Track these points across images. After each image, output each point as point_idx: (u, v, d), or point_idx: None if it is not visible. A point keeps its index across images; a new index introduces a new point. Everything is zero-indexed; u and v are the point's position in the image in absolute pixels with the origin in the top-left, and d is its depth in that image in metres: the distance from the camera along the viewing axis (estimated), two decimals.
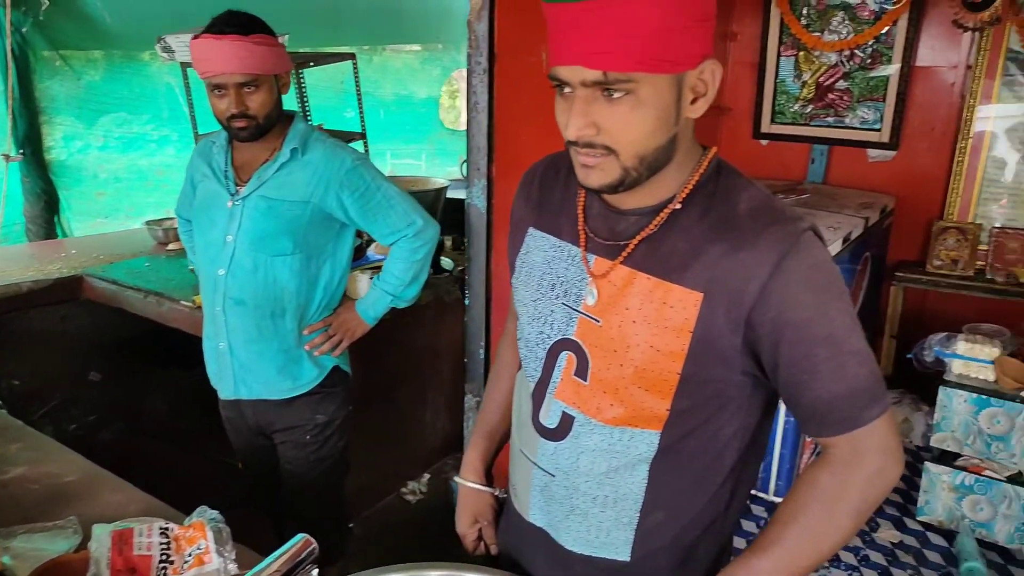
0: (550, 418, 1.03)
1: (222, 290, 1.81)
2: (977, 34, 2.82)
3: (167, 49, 3.46)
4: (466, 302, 2.07)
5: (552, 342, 1.03)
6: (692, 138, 0.95)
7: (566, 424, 1.01)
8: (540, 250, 1.07)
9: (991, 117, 2.98)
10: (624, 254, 0.96)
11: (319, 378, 1.92)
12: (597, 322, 0.97)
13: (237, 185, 1.80)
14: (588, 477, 1.01)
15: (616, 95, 0.84)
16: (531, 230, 1.10)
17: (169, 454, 3.22)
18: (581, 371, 0.99)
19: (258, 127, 1.73)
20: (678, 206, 0.94)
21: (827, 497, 0.93)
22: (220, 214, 1.80)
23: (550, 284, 1.04)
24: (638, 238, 0.95)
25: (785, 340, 0.88)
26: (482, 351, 2.05)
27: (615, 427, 0.97)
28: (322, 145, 1.81)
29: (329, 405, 1.96)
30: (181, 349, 2.67)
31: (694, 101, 0.90)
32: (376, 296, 1.95)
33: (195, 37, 1.67)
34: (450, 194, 3.34)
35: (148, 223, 3.44)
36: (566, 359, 1.01)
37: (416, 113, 8.40)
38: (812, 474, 0.95)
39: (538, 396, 1.05)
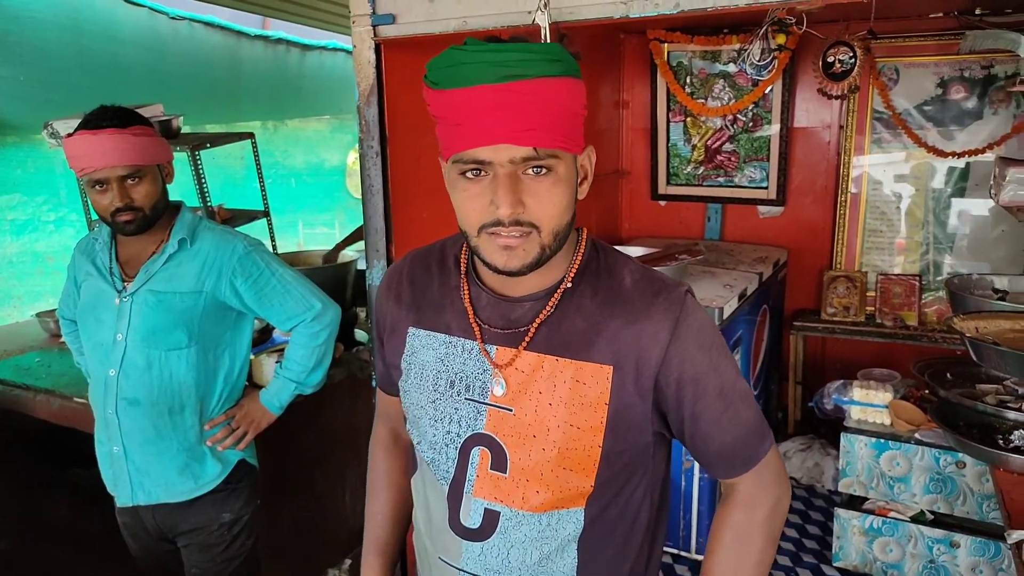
0: (472, 518, 1.01)
1: (114, 391, 1.72)
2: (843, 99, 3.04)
3: (54, 135, 3.35)
4: (373, 383, 2.03)
5: (463, 440, 1.01)
6: (574, 222, 1.00)
7: (491, 521, 1.00)
8: (429, 349, 1.05)
9: (865, 170, 3.19)
10: (527, 340, 0.97)
11: (223, 474, 1.84)
12: (510, 411, 0.97)
13: (124, 281, 1.73)
14: (520, 570, 1.00)
15: (541, 172, 0.88)
16: (412, 330, 1.08)
17: (72, 560, 3.00)
18: (499, 464, 0.98)
19: (145, 219, 1.69)
20: (569, 285, 0.98)
21: (744, 535, 1.01)
22: (107, 313, 1.73)
23: (448, 382, 1.02)
24: (537, 322, 0.97)
25: (687, 397, 0.95)
26: None
27: (543, 513, 0.98)
28: (211, 233, 1.78)
29: (235, 502, 1.87)
30: (80, 446, 2.52)
31: (580, 183, 0.96)
32: (280, 385, 1.90)
33: (68, 135, 1.63)
34: (362, 265, 3.32)
35: (39, 315, 3.27)
36: (479, 455, 1.00)
37: (327, 182, 8.37)
38: (727, 518, 1.03)
39: (454, 498, 1.02)
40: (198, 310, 1.73)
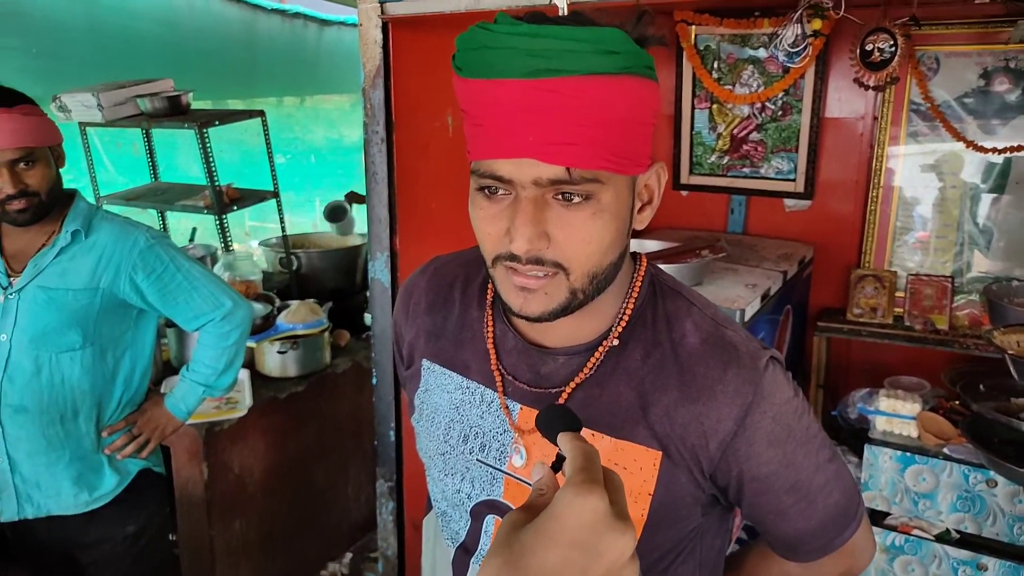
0: None
1: None
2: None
3: (63, 108, 3.29)
4: (374, 381, 1.95)
5: (474, 503, 0.86)
6: (628, 253, 0.82)
7: None
8: (443, 390, 0.89)
9: (899, 164, 3.04)
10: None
11: (122, 485, 1.73)
12: (530, 486, 0.84)
13: (9, 276, 1.61)
14: None
15: (575, 199, 0.70)
16: (426, 363, 0.92)
17: None
18: None
19: (41, 206, 1.57)
20: (615, 342, 0.80)
21: None
22: None
23: (461, 435, 0.87)
24: (572, 384, 0.80)
25: (749, 491, 0.80)
26: (392, 433, 1.93)
27: None
28: (109, 224, 1.66)
29: (140, 512, 1.76)
30: None
31: (641, 210, 0.78)
32: (186, 388, 1.78)
33: None
34: None
35: None
36: (494, 525, 0.85)
37: (346, 159, 8.29)
38: (778, 566, 0.89)
39: (460, 566, 0.89)
40: (94, 308, 1.61)
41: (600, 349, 0.80)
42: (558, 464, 0.56)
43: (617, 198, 0.72)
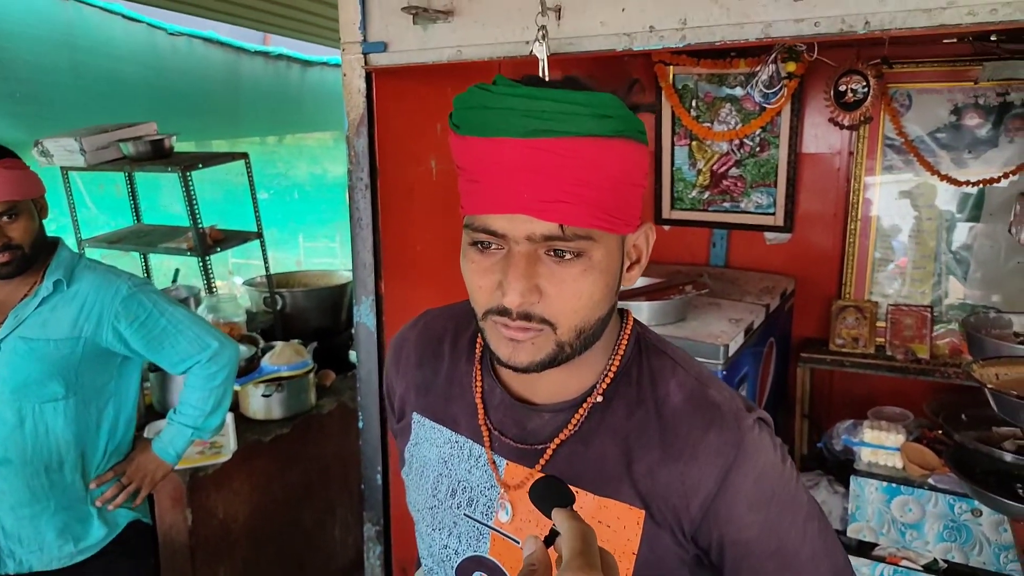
0: None
1: None
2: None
3: (45, 153, 3.30)
4: (360, 424, 1.94)
5: (461, 560, 0.87)
6: (616, 310, 0.83)
7: None
8: (432, 444, 0.90)
9: (875, 197, 3.10)
10: (542, 461, 0.81)
11: (110, 537, 1.70)
12: (516, 543, 0.83)
13: None
14: None
15: (567, 256, 0.71)
16: (416, 417, 0.92)
17: None
18: None
19: (24, 258, 1.58)
20: (599, 399, 0.80)
21: None
22: None
23: (449, 489, 0.88)
24: (557, 440, 0.80)
25: (730, 556, 0.78)
26: (379, 476, 1.92)
27: None
28: (92, 273, 1.66)
29: (125, 565, 1.73)
30: None
31: (629, 268, 0.80)
32: (174, 432, 1.77)
33: None
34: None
35: None
36: None
37: (329, 195, 8.29)
38: None
39: None
40: (76, 358, 1.60)
41: (584, 405, 0.81)
42: (551, 539, 0.56)
43: (608, 256, 0.73)
